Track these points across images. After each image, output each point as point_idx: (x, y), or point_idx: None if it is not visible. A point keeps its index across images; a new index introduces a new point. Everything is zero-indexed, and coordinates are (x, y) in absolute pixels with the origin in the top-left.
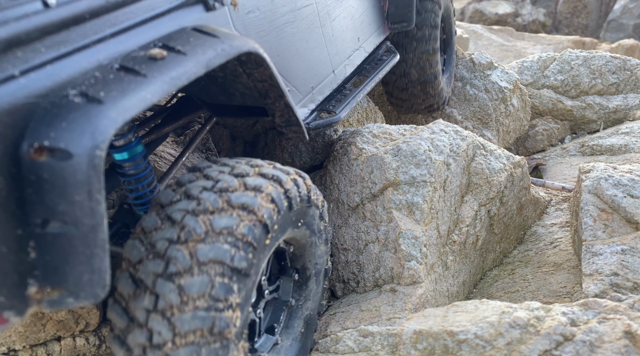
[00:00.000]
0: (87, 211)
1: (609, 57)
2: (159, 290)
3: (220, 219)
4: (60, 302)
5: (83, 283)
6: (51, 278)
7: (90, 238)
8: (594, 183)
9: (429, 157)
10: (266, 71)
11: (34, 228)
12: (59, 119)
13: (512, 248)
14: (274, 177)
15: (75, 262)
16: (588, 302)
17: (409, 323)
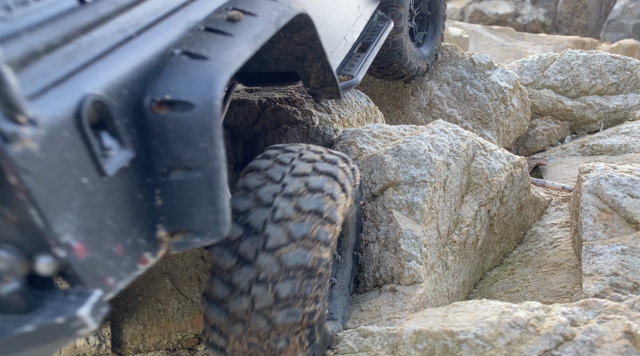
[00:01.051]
0: (211, 156)
1: (609, 57)
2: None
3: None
4: (187, 243)
5: (209, 223)
6: (177, 222)
7: (214, 180)
8: (594, 182)
9: (429, 157)
10: (308, 33)
11: (160, 177)
12: (174, 74)
13: (512, 248)
14: (339, 160)
15: (200, 204)
16: (588, 302)
17: (409, 323)
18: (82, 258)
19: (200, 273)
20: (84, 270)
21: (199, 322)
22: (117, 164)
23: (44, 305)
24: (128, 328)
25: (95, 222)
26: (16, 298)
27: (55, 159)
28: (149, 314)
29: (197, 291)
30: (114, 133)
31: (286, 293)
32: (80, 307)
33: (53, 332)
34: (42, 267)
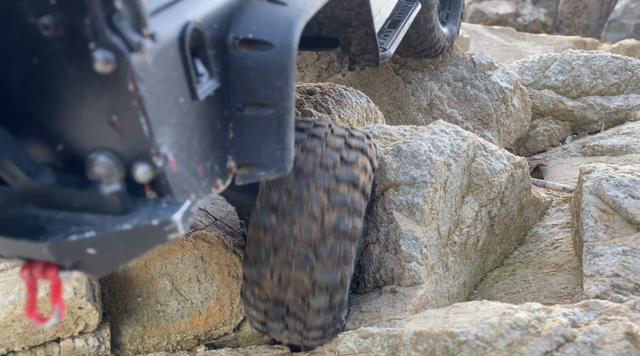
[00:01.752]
0: (285, 96)
1: (610, 58)
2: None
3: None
4: (253, 176)
5: (276, 158)
6: (245, 155)
7: (284, 119)
8: (595, 183)
9: (429, 158)
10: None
11: (234, 111)
12: (257, 16)
13: (512, 248)
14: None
15: (269, 140)
16: (589, 303)
17: (409, 324)
18: (174, 171)
19: (199, 274)
20: (174, 182)
21: (199, 323)
22: (206, 91)
23: (138, 210)
24: (127, 329)
25: (185, 141)
26: (115, 200)
27: (163, 75)
28: (149, 315)
29: (197, 292)
30: (205, 62)
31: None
32: (174, 212)
33: (146, 233)
34: (140, 174)
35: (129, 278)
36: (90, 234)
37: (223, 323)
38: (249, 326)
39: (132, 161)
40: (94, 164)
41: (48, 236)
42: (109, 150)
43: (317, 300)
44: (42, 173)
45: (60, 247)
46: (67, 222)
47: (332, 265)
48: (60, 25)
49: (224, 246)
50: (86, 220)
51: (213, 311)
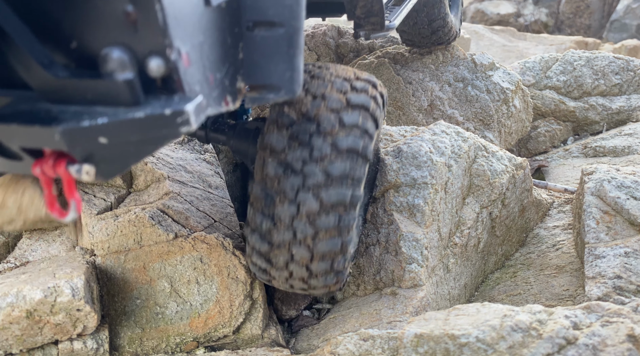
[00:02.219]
0: (295, 14)
1: (612, 58)
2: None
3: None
4: (262, 98)
5: (285, 80)
6: (255, 76)
7: (294, 39)
8: (596, 184)
9: (430, 159)
10: None
11: (245, 31)
12: None
13: (514, 250)
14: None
15: (279, 61)
16: (591, 305)
17: (409, 326)
18: (187, 67)
19: (199, 276)
20: (186, 79)
21: (198, 325)
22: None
23: (151, 103)
24: (126, 331)
25: (198, 42)
26: (128, 90)
27: None
28: (147, 317)
29: (196, 294)
30: None
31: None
32: (186, 103)
33: (159, 124)
34: (153, 67)
35: (127, 280)
36: (103, 120)
37: (222, 325)
38: (248, 328)
39: (146, 56)
40: (107, 58)
41: (60, 122)
42: (123, 45)
43: (326, 220)
44: (55, 66)
45: (73, 133)
46: (79, 113)
47: (341, 186)
48: None
49: (223, 248)
50: (99, 111)
51: (212, 313)
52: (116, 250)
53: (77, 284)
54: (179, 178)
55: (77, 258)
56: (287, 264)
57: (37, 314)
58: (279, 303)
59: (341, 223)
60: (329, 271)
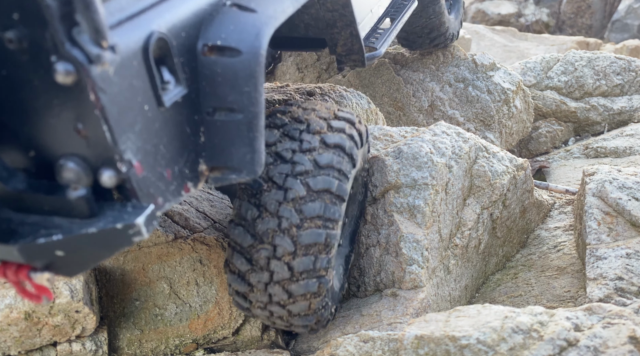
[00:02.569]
0: (254, 101)
1: (614, 58)
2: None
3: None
4: (224, 179)
5: (246, 162)
6: (216, 158)
7: (253, 123)
8: (598, 185)
9: (430, 160)
10: (341, 0)
11: (205, 116)
12: (225, 23)
13: (515, 251)
14: (348, 119)
15: (239, 144)
16: (592, 307)
17: (410, 328)
18: (139, 176)
19: (198, 277)
20: (140, 186)
21: (197, 327)
22: (172, 98)
23: (105, 213)
24: (125, 333)
25: (151, 146)
26: (82, 204)
27: (125, 84)
28: (146, 319)
29: (195, 296)
30: (171, 69)
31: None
32: (137, 217)
33: (112, 236)
34: (105, 179)
35: (126, 282)
36: (58, 237)
37: (222, 327)
38: (248, 329)
39: (99, 167)
40: (63, 169)
41: (18, 239)
42: (77, 156)
43: (302, 262)
44: (14, 178)
45: (30, 249)
46: (37, 225)
47: (315, 226)
48: (24, 39)
49: (222, 249)
50: (55, 223)
51: (212, 315)
52: None
53: (76, 285)
54: None
55: None
56: (266, 305)
57: (35, 315)
58: None
59: (317, 264)
60: (307, 311)
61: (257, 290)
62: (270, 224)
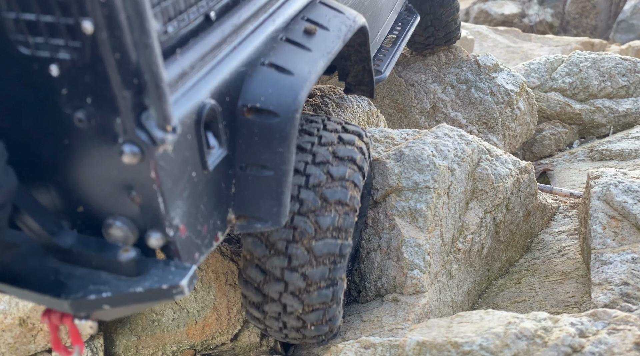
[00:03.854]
0: (285, 160)
1: (619, 59)
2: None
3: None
4: (250, 227)
5: (272, 214)
6: (245, 208)
7: (283, 180)
8: (603, 189)
9: (432, 163)
10: (359, 39)
11: (238, 170)
12: (264, 85)
13: (518, 256)
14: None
15: (268, 197)
16: (597, 312)
17: (411, 333)
18: (183, 237)
19: (196, 283)
20: (182, 247)
21: (195, 333)
22: (215, 160)
23: (150, 272)
24: (121, 339)
25: (194, 208)
26: (131, 265)
27: (180, 158)
28: (143, 325)
29: (193, 301)
30: (216, 134)
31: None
32: (182, 278)
33: (156, 294)
34: (153, 242)
35: None
36: (107, 294)
37: (220, 333)
38: (247, 335)
39: (147, 229)
40: (111, 227)
41: (69, 293)
42: (126, 217)
43: (317, 272)
44: (62, 233)
45: (80, 304)
46: (85, 279)
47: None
48: (93, 119)
49: (220, 254)
50: (102, 279)
51: (210, 321)
52: None
53: None
54: None
55: None
56: (280, 315)
57: (30, 321)
58: None
59: (331, 274)
60: (321, 321)
61: (271, 301)
62: (283, 235)
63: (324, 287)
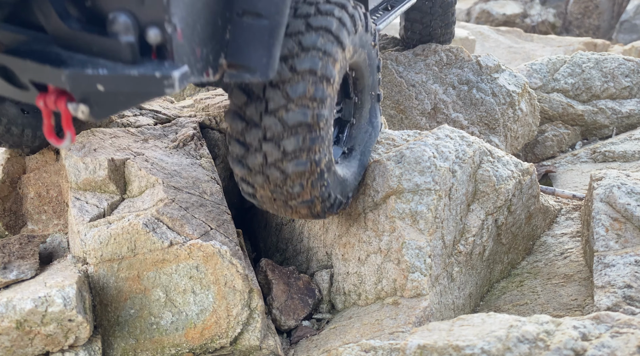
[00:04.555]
0: (280, 11)
1: (622, 60)
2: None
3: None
4: (239, 76)
5: (262, 64)
6: (236, 56)
7: (275, 31)
8: (606, 191)
9: (433, 164)
10: None
11: (234, 16)
12: None
13: (520, 258)
14: (340, 4)
15: (259, 47)
16: (600, 315)
17: (412, 337)
18: (179, 41)
19: (195, 285)
20: (177, 50)
21: (194, 336)
22: None
23: (145, 64)
24: (119, 342)
25: (192, 21)
26: (128, 50)
27: None
28: (142, 328)
29: (192, 304)
30: None
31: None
32: (174, 70)
33: (149, 83)
34: (151, 36)
35: (121, 289)
36: (104, 71)
37: (219, 336)
38: (246, 338)
39: (147, 25)
40: (114, 21)
41: (68, 66)
42: (129, 12)
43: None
44: (71, 18)
45: (77, 77)
46: (84, 61)
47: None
48: None
49: (220, 256)
50: (101, 63)
51: (209, 324)
52: (109, 258)
53: (69, 293)
54: (174, 184)
55: (69, 266)
56: (265, 186)
57: (27, 324)
58: (278, 313)
59: (305, 143)
60: (303, 192)
61: (255, 173)
62: (258, 108)
63: (298, 157)
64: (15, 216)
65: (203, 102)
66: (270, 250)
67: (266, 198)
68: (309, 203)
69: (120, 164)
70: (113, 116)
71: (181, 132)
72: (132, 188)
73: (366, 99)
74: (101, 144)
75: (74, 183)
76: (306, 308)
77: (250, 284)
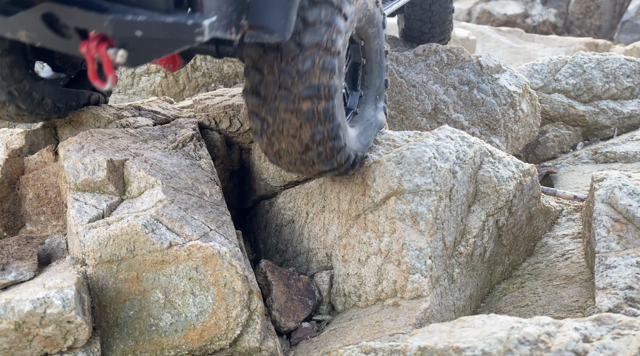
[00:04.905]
0: None
1: (624, 60)
2: None
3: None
4: (258, 36)
5: (280, 26)
6: (256, 18)
7: None
8: (607, 192)
9: (434, 165)
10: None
11: None
12: None
13: (521, 260)
14: None
15: (278, 10)
16: (601, 317)
17: (413, 338)
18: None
19: (194, 286)
20: (206, 4)
21: (193, 338)
22: None
23: (178, 14)
24: (118, 344)
25: None
26: (164, 0)
27: None
28: (141, 329)
29: (192, 306)
30: None
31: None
32: (204, 19)
33: (181, 30)
34: None
35: (120, 291)
36: (142, 18)
37: (219, 338)
38: (246, 340)
39: None
40: None
41: (110, 13)
42: None
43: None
44: None
45: (119, 22)
46: (124, 10)
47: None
48: None
49: (219, 257)
50: (139, 12)
51: (208, 325)
52: (108, 260)
53: (68, 295)
54: (174, 185)
55: (68, 267)
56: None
57: (26, 326)
58: (278, 315)
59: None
60: (313, 142)
61: (271, 108)
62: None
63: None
64: (14, 217)
65: (202, 103)
66: (270, 251)
67: (280, 145)
68: (321, 152)
69: (119, 165)
70: (112, 117)
71: (180, 133)
72: (131, 189)
73: (374, 63)
74: (100, 144)
75: (72, 183)
76: (306, 309)
77: (250, 286)
